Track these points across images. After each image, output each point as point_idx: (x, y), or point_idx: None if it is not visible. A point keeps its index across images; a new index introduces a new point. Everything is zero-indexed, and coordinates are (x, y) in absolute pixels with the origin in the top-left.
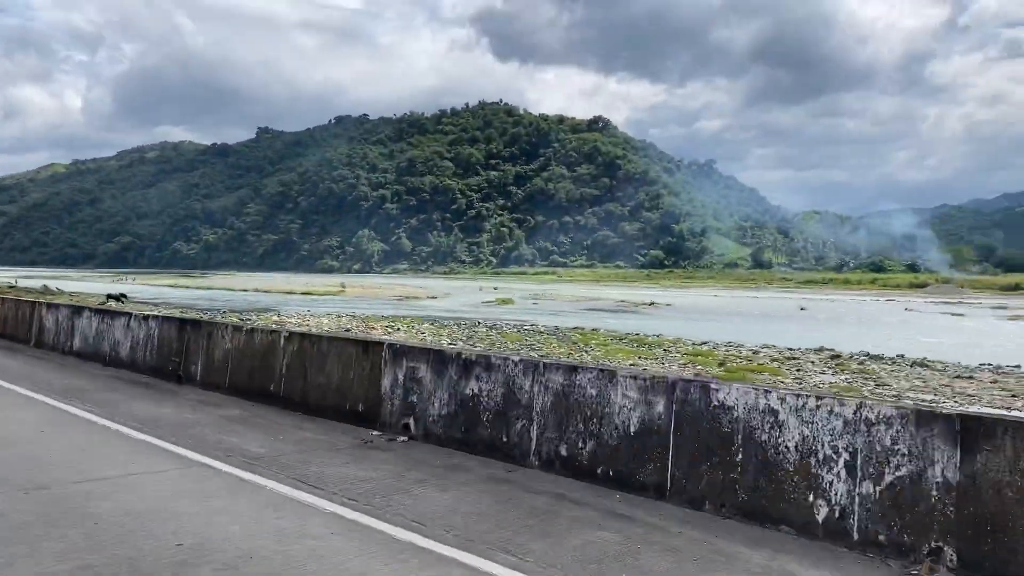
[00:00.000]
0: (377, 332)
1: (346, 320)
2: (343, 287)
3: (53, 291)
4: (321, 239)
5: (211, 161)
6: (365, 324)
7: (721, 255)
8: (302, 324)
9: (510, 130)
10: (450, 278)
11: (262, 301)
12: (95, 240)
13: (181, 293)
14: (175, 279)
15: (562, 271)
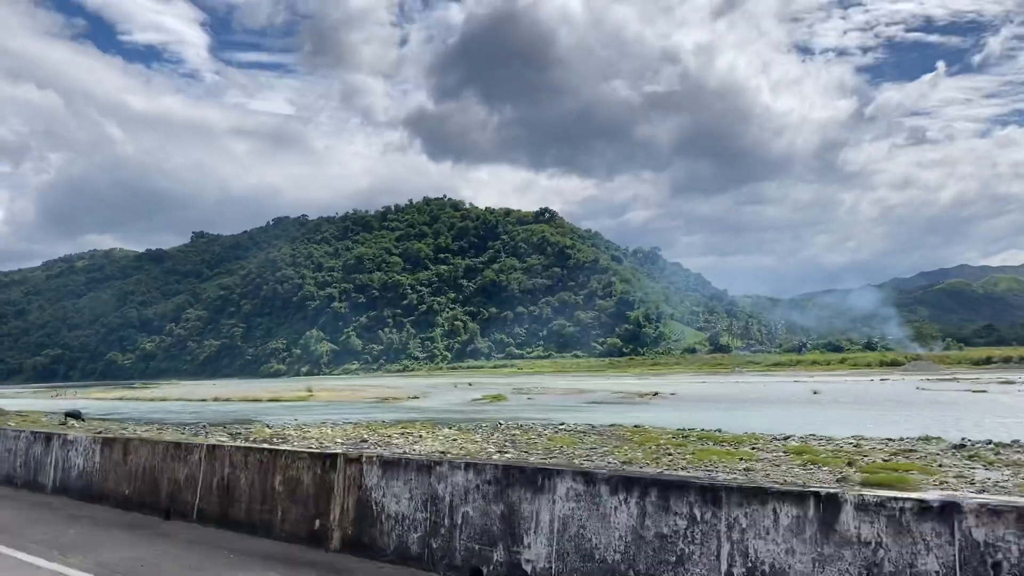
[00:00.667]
0: (400, 442)
1: (352, 429)
2: (311, 391)
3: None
4: (266, 342)
5: (145, 268)
6: (377, 432)
7: (678, 340)
8: (315, 437)
9: (457, 224)
10: (407, 376)
11: (235, 411)
12: (21, 354)
13: (135, 406)
14: (119, 391)
15: (521, 363)
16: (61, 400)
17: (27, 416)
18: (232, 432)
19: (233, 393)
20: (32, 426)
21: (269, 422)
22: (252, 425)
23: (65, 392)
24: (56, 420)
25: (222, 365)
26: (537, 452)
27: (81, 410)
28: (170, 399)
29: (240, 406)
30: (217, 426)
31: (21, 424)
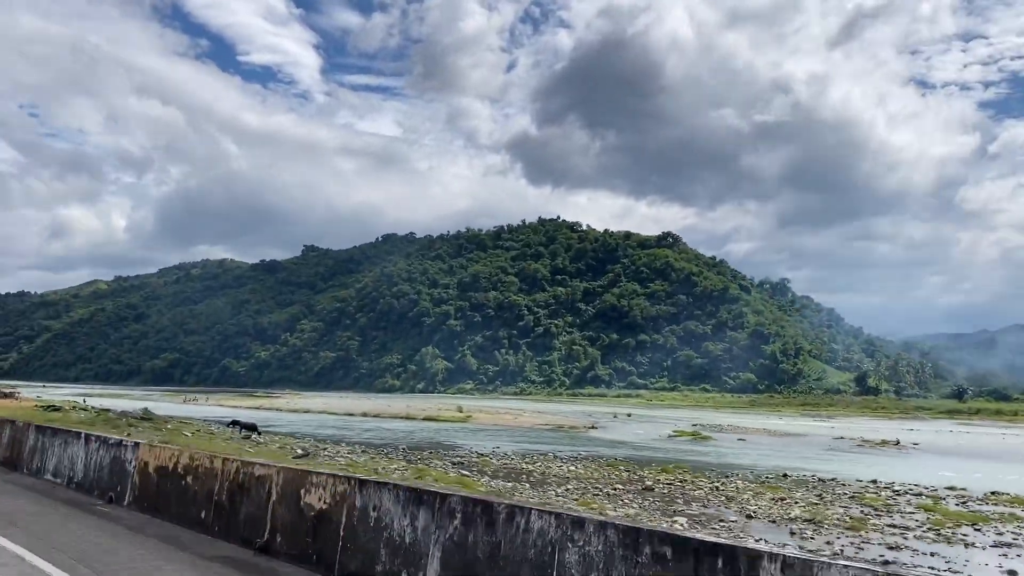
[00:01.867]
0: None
1: (585, 467)
2: (463, 412)
3: (159, 418)
4: (381, 356)
5: (259, 278)
6: (618, 472)
7: (819, 379)
8: (584, 476)
9: (575, 246)
10: (529, 399)
11: (410, 432)
12: (140, 356)
13: (283, 417)
14: (249, 399)
15: (648, 394)
16: (194, 405)
17: (190, 424)
18: (457, 461)
19: (379, 408)
20: (241, 452)
21: (471, 447)
22: (457, 450)
23: (196, 398)
24: (226, 432)
25: (336, 377)
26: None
27: (247, 421)
28: (314, 411)
29: (402, 425)
30: (420, 450)
31: (209, 443)
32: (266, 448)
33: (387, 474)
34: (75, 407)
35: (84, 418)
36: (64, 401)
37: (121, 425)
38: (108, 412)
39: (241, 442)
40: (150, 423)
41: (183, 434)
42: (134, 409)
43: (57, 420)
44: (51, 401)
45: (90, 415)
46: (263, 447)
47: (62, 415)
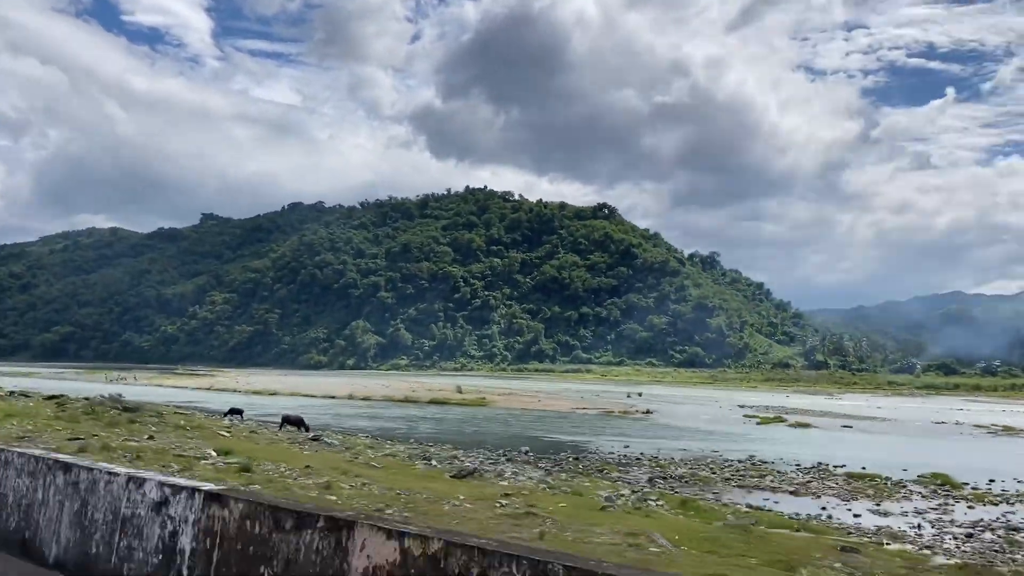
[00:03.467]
0: None
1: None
2: (462, 391)
3: (150, 409)
4: (304, 331)
5: (158, 247)
6: None
7: (765, 354)
8: None
9: (509, 216)
10: (469, 375)
11: (438, 421)
12: (27, 330)
13: (262, 403)
14: (186, 378)
15: (598, 369)
16: (123, 385)
17: (195, 418)
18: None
19: (360, 389)
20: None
21: (613, 449)
22: (597, 454)
23: (124, 376)
24: (255, 426)
25: (254, 353)
26: None
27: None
28: (282, 393)
29: (416, 411)
30: (558, 457)
31: (219, 437)
32: (350, 457)
33: (660, 517)
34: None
35: (38, 414)
36: None
37: (116, 425)
38: (58, 399)
39: (326, 448)
40: (156, 420)
41: (241, 440)
42: (70, 393)
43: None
44: None
45: (37, 406)
46: (343, 455)
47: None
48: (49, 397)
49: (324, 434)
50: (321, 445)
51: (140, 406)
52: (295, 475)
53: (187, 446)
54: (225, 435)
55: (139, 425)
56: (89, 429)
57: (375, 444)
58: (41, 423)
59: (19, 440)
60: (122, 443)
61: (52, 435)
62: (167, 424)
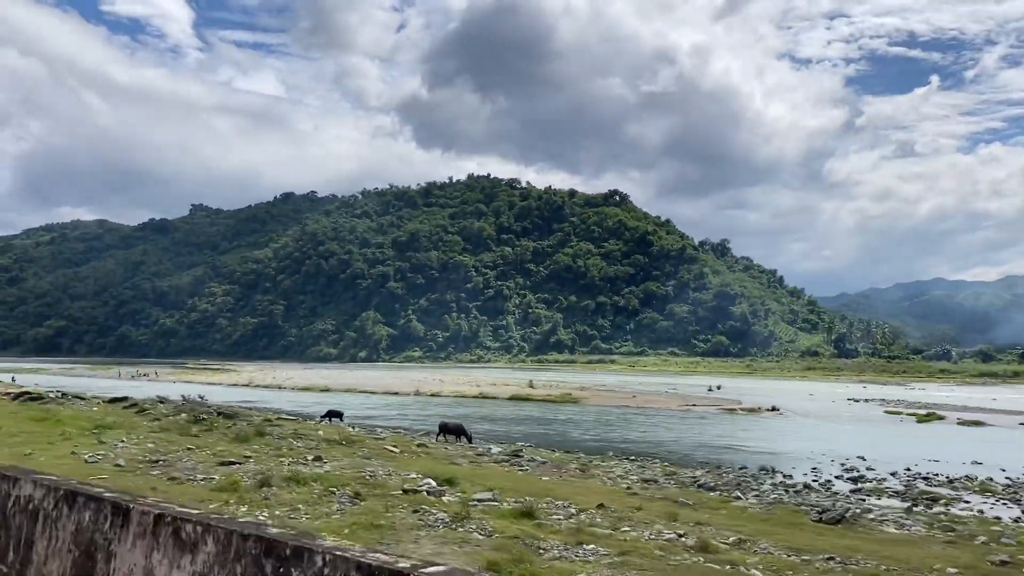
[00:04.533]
0: None
1: None
2: (533, 386)
3: (246, 415)
4: (311, 322)
5: (150, 238)
6: None
7: (791, 342)
8: None
9: (518, 204)
10: (485, 366)
11: (546, 423)
12: (18, 324)
13: (301, 399)
14: (206, 373)
15: (623, 360)
16: (145, 381)
17: (301, 423)
18: None
19: (401, 384)
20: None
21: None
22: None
23: (146, 372)
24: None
25: (259, 346)
26: None
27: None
28: (335, 390)
29: (502, 410)
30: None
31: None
32: (612, 486)
33: None
34: (51, 397)
35: (134, 425)
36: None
37: (246, 440)
38: (133, 404)
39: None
40: (253, 432)
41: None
42: (100, 391)
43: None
44: (11, 388)
45: (121, 414)
46: (599, 482)
47: (52, 420)
48: (113, 400)
49: (521, 448)
50: (531, 463)
51: (235, 412)
52: (609, 524)
53: (379, 472)
54: (393, 450)
55: (271, 439)
56: (224, 446)
57: (578, 458)
58: (157, 439)
59: (155, 466)
60: (299, 470)
61: (194, 457)
62: (299, 437)
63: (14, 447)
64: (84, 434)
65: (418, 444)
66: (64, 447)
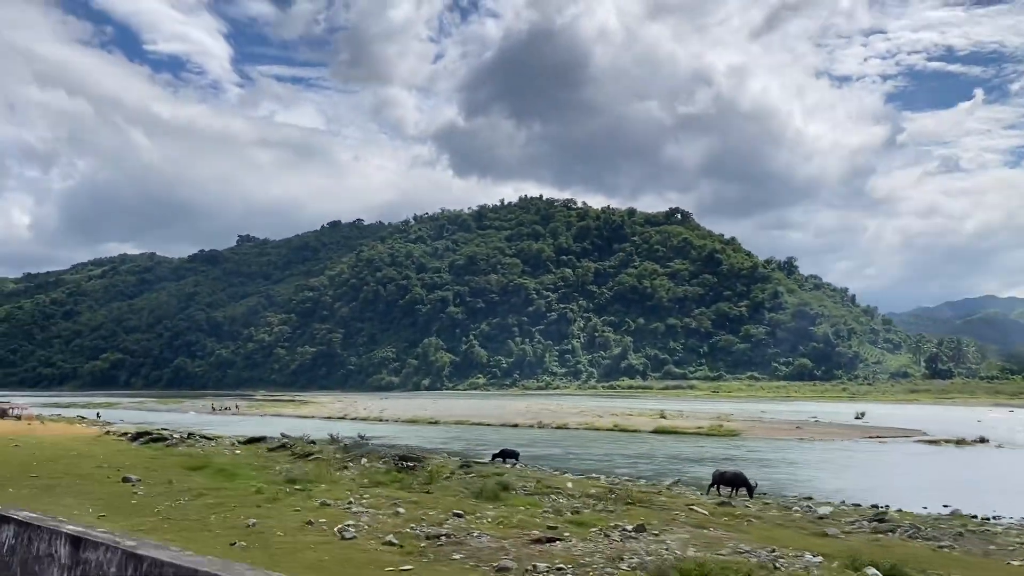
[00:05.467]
0: None
1: None
2: (665, 416)
3: (438, 462)
4: (371, 350)
5: (200, 270)
6: None
7: (878, 363)
8: None
9: (576, 224)
10: (553, 393)
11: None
12: (75, 358)
13: (393, 431)
14: (287, 405)
15: (703, 385)
16: (228, 415)
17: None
18: None
19: (498, 414)
20: None
21: None
22: None
23: (227, 406)
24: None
25: (319, 375)
26: None
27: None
28: (444, 422)
29: (665, 447)
30: None
31: None
32: None
33: None
34: (176, 438)
35: (319, 476)
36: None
37: (486, 500)
38: (265, 442)
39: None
40: (493, 486)
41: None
42: (240, 432)
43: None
44: (133, 427)
45: (262, 457)
46: None
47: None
48: (251, 441)
49: (884, 511)
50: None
51: (417, 456)
52: None
53: (763, 554)
54: (701, 513)
55: (518, 495)
56: (470, 506)
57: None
58: (385, 498)
59: (439, 544)
60: (659, 552)
61: (479, 527)
62: (550, 491)
63: (219, 512)
64: (284, 492)
65: (689, 502)
66: (284, 512)
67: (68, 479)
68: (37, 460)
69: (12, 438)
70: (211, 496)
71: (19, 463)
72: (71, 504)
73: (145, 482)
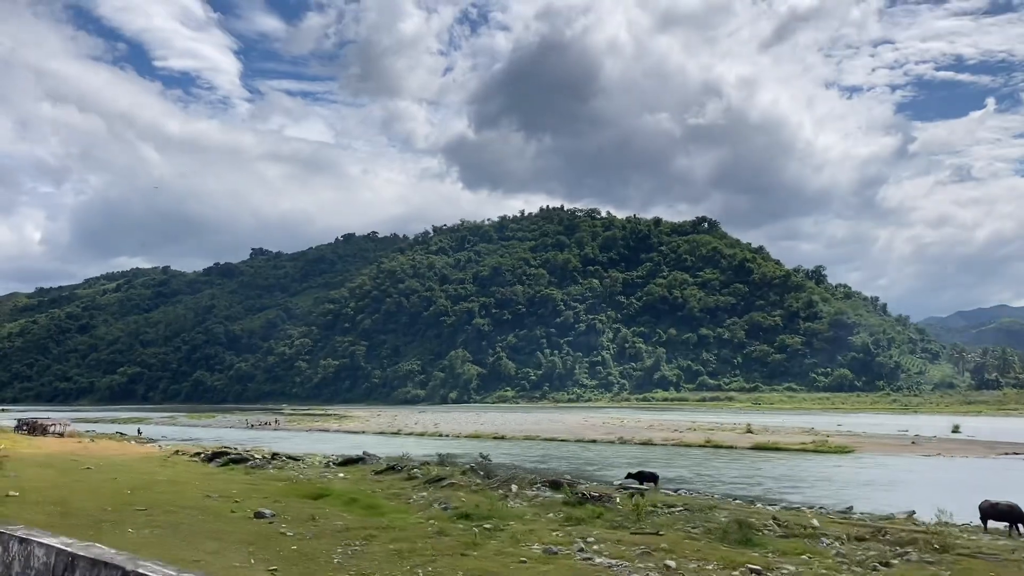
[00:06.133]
0: None
1: None
2: (752, 431)
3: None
4: (395, 363)
5: (216, 283)
6: None
7: (920, 373)
8: None
9: (601, 234)
10: (586, 406)
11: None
12: (91, 372)
13: (440, 447)
14: (324, 419)
15: (742, 396)
16: (269, 431)
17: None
18: None
19: (559, 428)
20: None
21: None
22: None
23: (267, 422)
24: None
25: (342, 388)
26: None
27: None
28: (512, 437)
29: (734, 466)
30: None
31: None
32: None
33: None
34: (257, 459)
35: (473, 510)
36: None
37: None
38: (364, 463)
39: None
40: (737, 530)
41: None
42: (335, 452)
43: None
44: (202, 446)
45: (377, 481)
46: None
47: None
48: (347, 462)
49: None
50: None
51: (565, 480)
52: None
53: None
54: None
55: (785, 542)
56: (724, 554)
57: None
58: (606, 540)
59: None
60: None
61: None
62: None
63: (420, 562)
64: (466, 530)
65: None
66: (504, 563)
67: (184, 514)
68: (127, 487)
69: (76, 458)
70: (381, 537)
71: (110, 492)
72: (216, 550)
73: (282, 517)
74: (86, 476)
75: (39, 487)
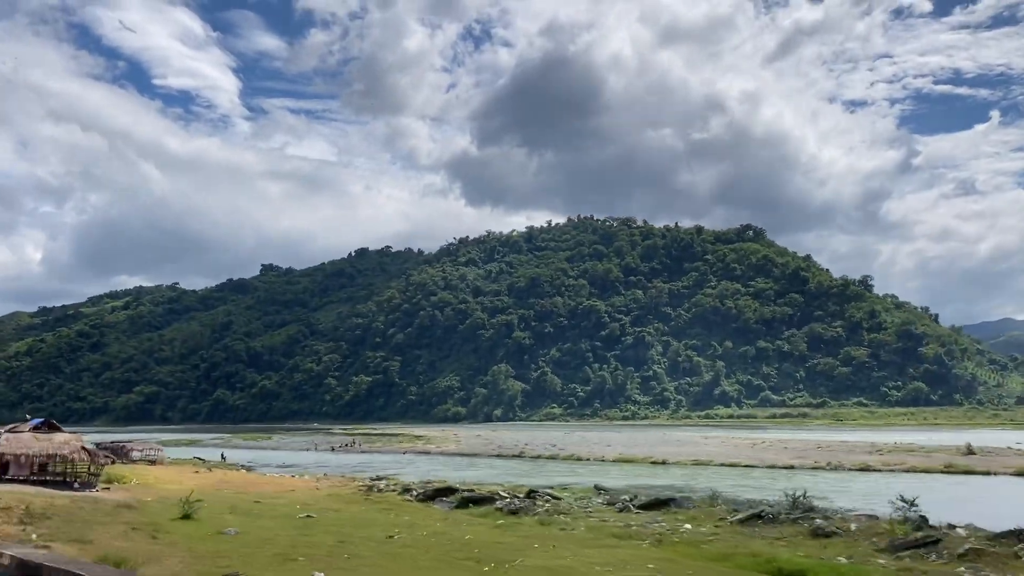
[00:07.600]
0: None
1: None
2: (970, 451)
3: None
4: (432, 379)
5: (230, 299)
6: None
7: (998, 386)
8: None
9: (640, 243)
10: (641, 424)
11: None
12: (106, 391)
13: (719, 482)
14: (408, 440)
15: (815, 412)
16: (354, 454)
17: None
18: None
19: (742, 454)
20: None
21: None
22: None
23: (347, 443)
24: None
25: (375, 406)
26: None
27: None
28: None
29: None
30: None
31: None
32: None
33: None
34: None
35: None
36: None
37: None
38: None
39: None
40: None
41: None
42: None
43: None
44: (393, 479)
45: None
46: None
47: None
48: (653, 505)
49: None
50: None
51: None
52: None
53: None
54: None
55: None
56: None
57: None
58: None
59: None
60: None
61: None
62: None
63: None
64: None
65: None
66: None
67: None
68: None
69: (258, 500)
70: None
71: (385, 556)
72: None
73: None
74: (312, 530)
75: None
